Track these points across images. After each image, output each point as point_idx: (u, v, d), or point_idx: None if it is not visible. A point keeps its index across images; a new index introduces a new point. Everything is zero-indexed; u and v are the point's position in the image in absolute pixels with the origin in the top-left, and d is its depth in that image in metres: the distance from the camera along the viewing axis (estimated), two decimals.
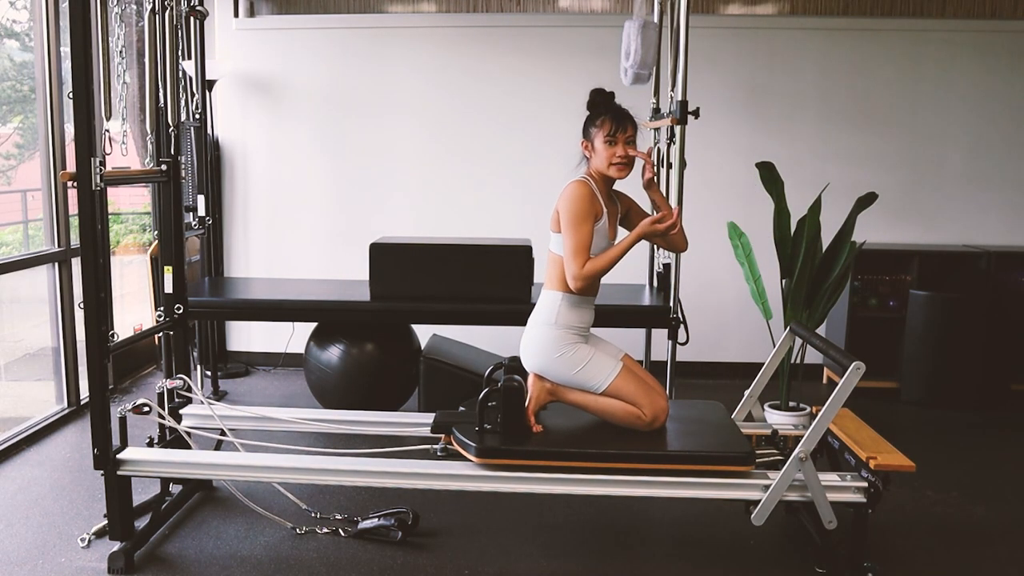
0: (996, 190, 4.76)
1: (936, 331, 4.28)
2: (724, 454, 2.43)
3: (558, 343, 2.58)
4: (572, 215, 2.51)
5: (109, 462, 2.49)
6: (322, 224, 4.92)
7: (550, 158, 4.78)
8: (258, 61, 4.80)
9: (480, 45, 4.75)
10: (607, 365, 2.57)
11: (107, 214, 2.57)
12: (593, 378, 2.56)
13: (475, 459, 2.45)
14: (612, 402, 2.57)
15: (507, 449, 2.45)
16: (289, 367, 4.94)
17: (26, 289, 4.02)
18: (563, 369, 2.57)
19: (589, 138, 2.60)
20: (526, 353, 2.65)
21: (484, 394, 2.53)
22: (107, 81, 2.56)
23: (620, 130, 2.56)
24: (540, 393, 2.62)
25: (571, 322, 2.59)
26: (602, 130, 2.55)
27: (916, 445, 3.44)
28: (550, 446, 2.47)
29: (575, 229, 2.50)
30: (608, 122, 2.55)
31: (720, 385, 4.66)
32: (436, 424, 2.64)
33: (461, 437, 2.50)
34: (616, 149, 2.55)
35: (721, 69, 4.67)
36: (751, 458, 2.42)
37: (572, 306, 2.60)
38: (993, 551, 2.74)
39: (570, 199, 2.53)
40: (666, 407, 2.59)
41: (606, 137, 2.55)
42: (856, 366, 2.31)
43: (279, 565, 2.56)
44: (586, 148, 2.62)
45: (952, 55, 4.67)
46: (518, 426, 2.52)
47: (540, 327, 2.61)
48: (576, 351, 2.58)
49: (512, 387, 2.51)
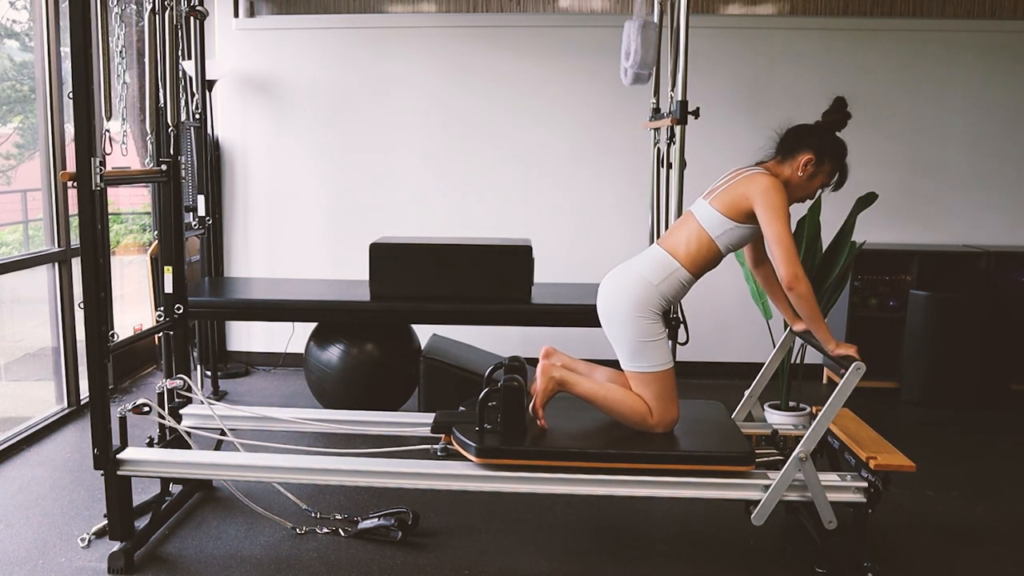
0: (996, 190, 4.76)
1: (936, 331, 4.27)
2: (724, 454, 2.43)
3: (648, 305, 2.51)
4: (781, 211, 2.41)
5: (109, 462, 2.49)
6: (322, 224, 4.92)
7: (550, 158, 4.78)
8: (258, 61, 4.80)
9: (480, 45, 4.75)
10: (666, 355, 2.53)
11: (107, 214, 2.56)
12: (651, 357, 2.51)
13: (475, 459, 2.45)
14: (621, 398, 2.54)
15: (507, 449, 2.45)
16: (289, 367, 4.94)
17: (26, 289, 4.02)
18: (634, 330, 2.51)
19: (821, 163, 2.50)
20: (611, 294, 2.57)
21: (484, 394, 2.52)
22: (107, 81, 2.56)
23: (831, 187, 2.57)
24: (549, 384, 2.57)
25: (668, 294, 2.53)
26: (830, 173, 2.54)
27: (916, 445, 3.44)
28: (550, 446, 2.47)
29: (786, 228, 2.41)
30: (837, 176, 2.55)
31: (720, 385, 4.66)
32: (436, 424, 2.63)
33: (461, 437, 2.50)
34: (816, 191, 2.57)
35: (721, 69, 4.67)
36: (751, 458, 2.42)
37: (681, 283, 2.54)
38: (993, 551, 2.74)
39: (776, 193, 2.42)
40: (676, 420, 2.56)
41: (825, 181, 2.54)
42: (856, 366, 2.30)
43: (279, 565, 2.56)
44: (808, 165, 2.50)
45: (952, 55, 4.67)
46: (518, 426, 2.51)
47: (642, 281, 2.53)
48: (656, 324, 2.52)
49: (512, 387, 2.50)
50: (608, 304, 2.58)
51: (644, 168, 4.30)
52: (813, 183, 2.54)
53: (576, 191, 4.74)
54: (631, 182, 4.66)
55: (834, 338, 2.49)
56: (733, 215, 2.48)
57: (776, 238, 2.40)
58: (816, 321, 2.46)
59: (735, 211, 2.48)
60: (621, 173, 4.71)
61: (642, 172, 4.37)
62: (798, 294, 2.41)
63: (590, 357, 2.76)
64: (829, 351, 2.47)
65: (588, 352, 4.81)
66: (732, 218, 2.48)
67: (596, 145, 4.75)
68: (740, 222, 2.48)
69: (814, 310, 2.44)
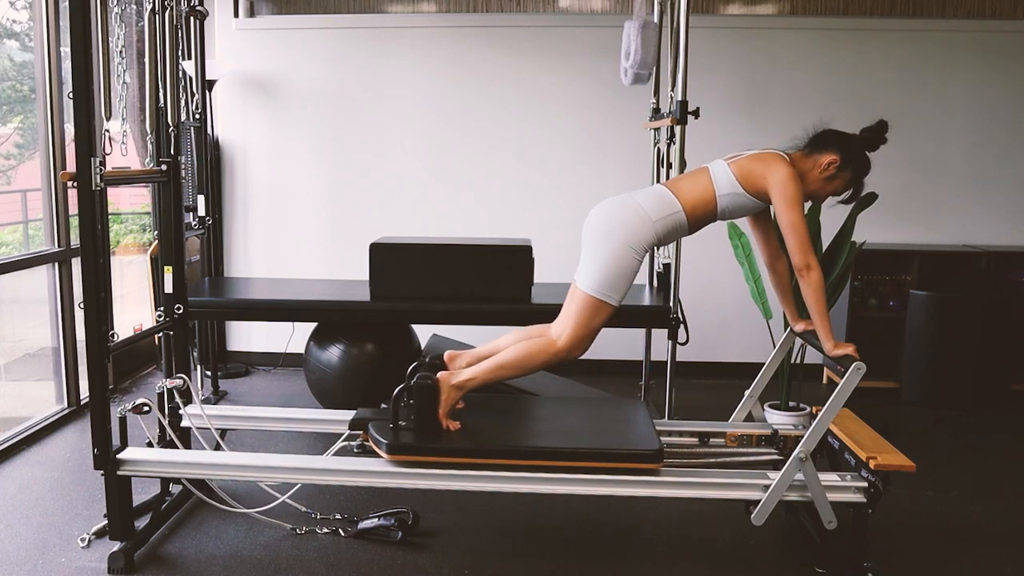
0: (996, 190, 4.76)
1: (936, 331, 4.27)
2: (631, 451, 2.44)
3: (641, 239, 2.53)
4: (796, 200, 2.45)
5: (109, 462, 2.49)
6: (322, 224, 4.92)
7: (550, 158, 4.78)
8: (258, 61, 4.80)
9: (480, 45, 4.75)
10: (623, 292, 2.54)
11: (107, 214, 2.56)
12: (611, 287, 2.52)
13: (386, 456, 2.47)
14: (522, 350, 2.56)
15: (417, 446, 2.47)
16: (289, 367, 4.94)
17: (26, 289, 4.02)
18: (616, 257, 2.51)
19: (843, 169, 2.53)
20: (607, 216, 2.58)
21: (398, 391, 2.55)
22: (107, 81, 2.56)
23: (841, 198, 2.60)
24: (448, 395, 2.57)
25: (662, 233, 2.56)
26: (847, 183, 2.56)
27: (916, 445, 3.45)
28: (460, 444, 2.49)
29: (801, 216, 2.46)
30: (854, 188, 2.57)
31: (720, 385, 4.66)
32: (354, 421, 2.67)
33: (374, 434, 2.52)
34: (828, 194, 2.59)
35: (721, 69, 4.67)
36: (659, 455, 2.42)
37: (677, 226, 2.57)
38: (993, 551, 2.74)
39: (793, 182, 2.46)
40: (581, 353, 2.59)
41: (839, 188, 2.56)
42: (857, 367, 2.31)
43: (279, 565, 2.56)
44: (831, 166, 2.53)
45: (952, 55, 4.67)
46: (432, 423, 2.54)
47: (642, 213, 2.54)
48: (637, 261, 2.54)
49: (425, 385, 2.53)
50: (602, 225, 2.57)
51: (644, 168, 4.30)
52: (828, 186, 2.56)
53: (576, 191, 4.73)
54: (631, 182, 4.63)
55: (834, 337, 2.50)
56: (745, 184, 2.53)
57: (791, 225, 2.45)
58: (821, 315, 2.47)
59: (748, 182, 2.53)
60: (621, 173, 4.71)
61: (642, 172, 4.36)
62: (808, 281, 2.44)
63: (590, 357, 2.74)
64: (827, 350, 2.47)
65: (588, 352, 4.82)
66: (743, 185, 2.53)
67: (596, 145, 4.75)
68: (748, 193, 2.54)
69: (821, 302, 2.46)
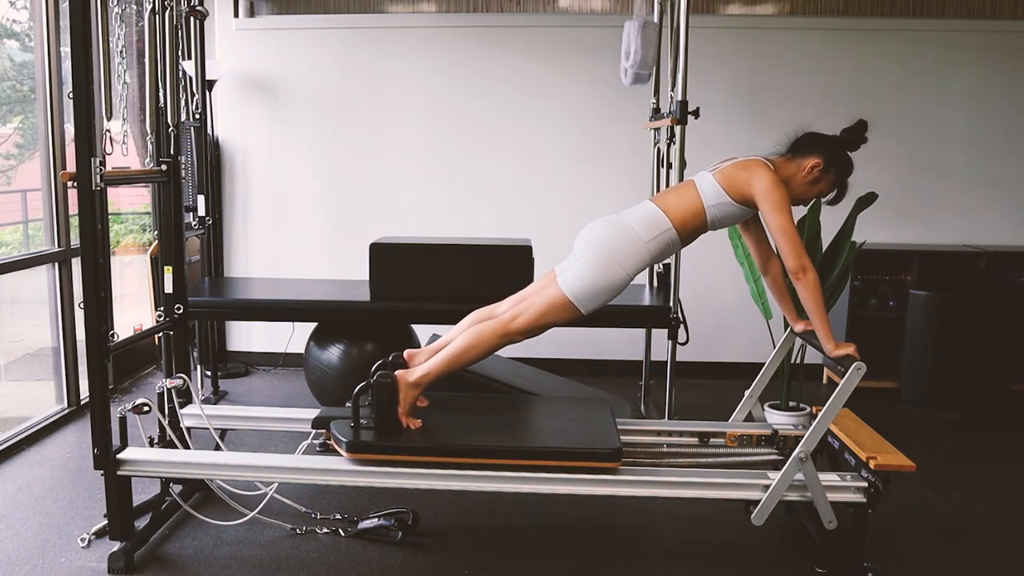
0: (996, 190, 4.76)
1: (936, 331, 4.27)
2: (590, 450, 2.44)
3: (631, 259, 2.53)
4: (783, 204, 2.45)
5: (109, 462, 2.49)
6: (322, 224, 4.92)
7: (550, 158, 4.78)
8: (258, 61, 4.80)
9: (480, 45, 4.75)
10: (596, 302, 2.54)
11: (107, 214, 2.56)
12: (587, 294, 2.51)
13: (346, 454, 2.48)
14: (475, 336, 2.56)
15: (377, 444, 2.48)
16: (289, 367, 4.94)
17: (26, 289, 4.02)
18: (604, 270, 2.51)
19: (826, 172, 2.54)
20: (594, 238, 2.58)
21: (358, 391, 2.55)
22: (107, 81, 2.56)
23: (827, 200, 2.60)
24: (406, 393, 2.57)
25: (655, 253, 2.56)
26: (832, 185, 2.56)
27: (916, 445, 3.44)
28: (418, 442, 2.50)
29: (790, 220, 2.45)
30: (838, 187, 2.57)
31: (720, 385, 4.66)
32: (316, 420, 2.69)
33: (335, 433, 2.53)
34: (814, 197, 2.59)
35: (721, 69, 4.67)
36: (617, 455, 2.43)
37: (669, 243, 2.57)
38: (993, 551, 2.74)
39: (777, 188, 2.46)
40: (529, 336, 2.58)
41: (824, 190, 2.57)
42: (857, 367, 2.31)
43: (279, 565, 2.56)
44: (814, 169, 2.53)
45: (952, 55, 4.67)
46: (392, 422, 2.54)
47: (630, 235, 2.54)
48: (623, 279, 2.53)
49: (384, 384, 2.54)
50: (592, 243, 2.57)
51: (644, 168, 4.30)
52: (813, 188, 2.56)
53: (576, 191, 4.74)
54: (631, 182, 4.65)
55: (834, 337, 2.49)
56: (731, 192, 2.53)
57: (781, 230, 2.44)
58: (820, 316, 2.47)
59: (733, 190, 2.53)
60: (621, 173, 4.71)
61: (642, 172, 4.37)
62: (804, 284, 2.43)
63: (590, 357, 2.74)
64: (828, 350, 2.47)
65: (588, 352, 4.83)
66: (729, 194, 2.53)
67: (596, 145, 4.75)
68: (736, 201, 2.53)
69: (819, 304, 2.45)
